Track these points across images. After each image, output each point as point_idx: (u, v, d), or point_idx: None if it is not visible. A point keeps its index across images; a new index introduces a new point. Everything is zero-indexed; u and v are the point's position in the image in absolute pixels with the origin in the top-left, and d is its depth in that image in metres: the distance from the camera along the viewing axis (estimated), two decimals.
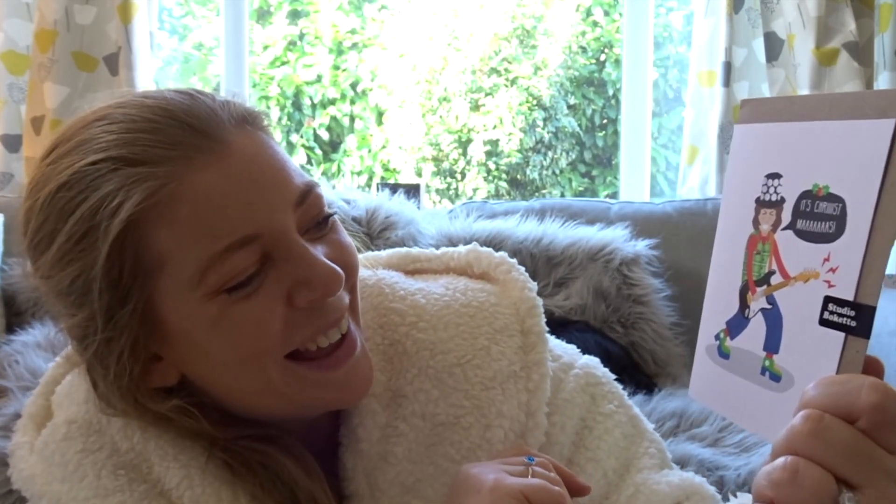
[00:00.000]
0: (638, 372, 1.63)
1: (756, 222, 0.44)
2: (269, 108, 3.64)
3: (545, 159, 3.75)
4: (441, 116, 3.79)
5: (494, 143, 3.74)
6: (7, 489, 0.76)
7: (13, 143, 1.95)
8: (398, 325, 0.66)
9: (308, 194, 0.57)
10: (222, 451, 0.59)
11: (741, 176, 0.46)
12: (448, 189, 3.84)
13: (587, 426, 0.68)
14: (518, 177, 3.79)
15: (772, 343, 0.43)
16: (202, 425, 0.58)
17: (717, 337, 0.47)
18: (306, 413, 0.62)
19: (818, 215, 0.40)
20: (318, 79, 3.70)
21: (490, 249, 0.73)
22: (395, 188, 1.92)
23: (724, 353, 0.46)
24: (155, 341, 0.56)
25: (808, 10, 1.88)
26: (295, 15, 3.75)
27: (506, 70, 3.76)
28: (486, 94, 3.74)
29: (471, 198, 3.58)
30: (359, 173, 3.75)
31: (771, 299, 0.43)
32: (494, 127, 3.72)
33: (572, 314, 1.71)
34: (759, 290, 0.44)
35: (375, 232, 1.72)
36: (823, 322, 0.39)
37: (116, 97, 0.58)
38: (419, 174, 3.77)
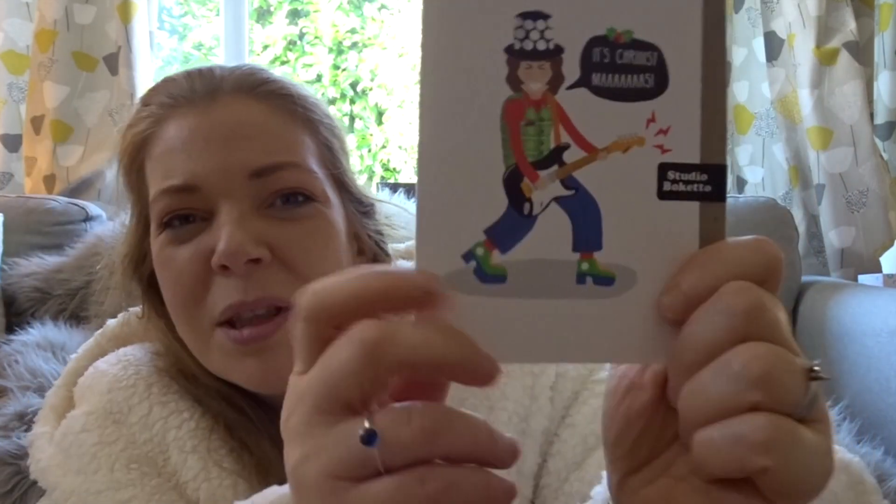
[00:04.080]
0: None
1: (515, 80, 0.32)
2: None
3: None
4: None
5: None
6: (7, 489, 0.76)
7: (13, 143, 1.95)
8: None
9: (273, 169, 0.59)
10: (241, 445, 0.60)
11: (460, 15, 0.32)
12: None
13: (578, 399, 0.67)
14: None
15: (587, 238, 0.32)
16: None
17: (469, 256, 0.32)
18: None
19: (624, 67, 0.32)
20: (318, 78, 3.70)
21: None
22: (395, 188, 1.92)
23: (492, 275, 0.32)
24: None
25: (808, 10, 1.88)
26: (295, 14, 3.75)
27: None
28: None
29: None
30: (359, 173, 3.74)
31: (571, 182, 0.32)
32: None
33: None
34: (543, 174, 0.32)
35: None
36: (665, 195, 0.32)
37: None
38: None
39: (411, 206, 1.89)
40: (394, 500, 0.27)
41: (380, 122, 3.77)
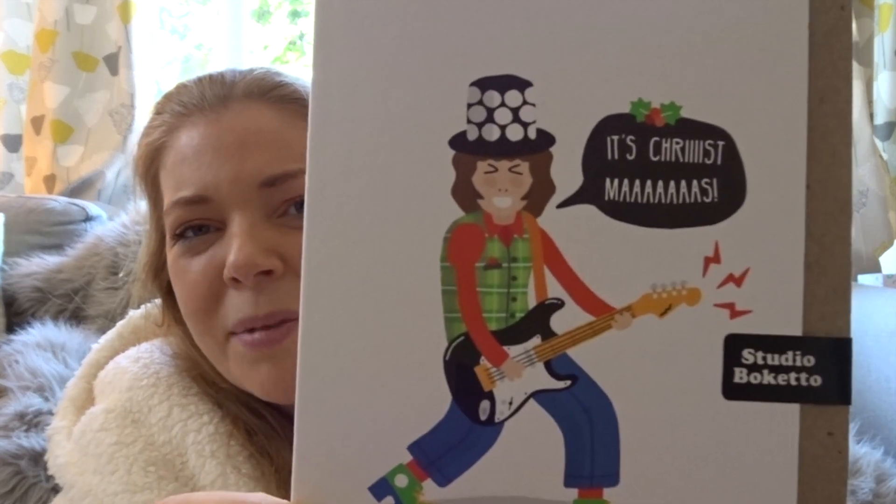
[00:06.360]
0: None
1: (467, 193, 0.20)
2: None
3: None
4: None
5: None
6: (7, 489, 0.76)
7: (13, 143, 1.95)
8: None
9: (285, 178, 0.58)
10: (259, 453, 0.59)
11: (367, 78, 0.20)
12: None
13: None
14: None
15: (592, 464, 0.19)
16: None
17: (382, 489, 0.21)
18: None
19: (664, 167, 0.19)
20: None
21: None
22: None
23: None
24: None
25: None
26: (295, 15, 3.75)
27: None
28: None
29: None
30: None
31: (565, 367, 0.19)
32: None
33: None
34: (515, 351, 0.20)
35: None
36: (736, 391, 0.19)
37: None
38: None
39: None
40: None
41: None
